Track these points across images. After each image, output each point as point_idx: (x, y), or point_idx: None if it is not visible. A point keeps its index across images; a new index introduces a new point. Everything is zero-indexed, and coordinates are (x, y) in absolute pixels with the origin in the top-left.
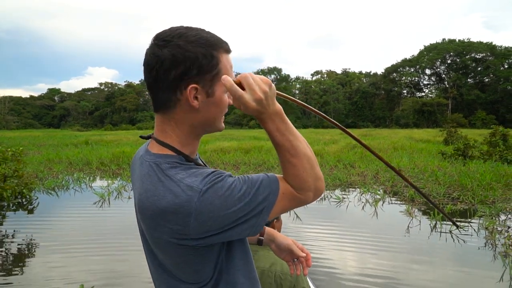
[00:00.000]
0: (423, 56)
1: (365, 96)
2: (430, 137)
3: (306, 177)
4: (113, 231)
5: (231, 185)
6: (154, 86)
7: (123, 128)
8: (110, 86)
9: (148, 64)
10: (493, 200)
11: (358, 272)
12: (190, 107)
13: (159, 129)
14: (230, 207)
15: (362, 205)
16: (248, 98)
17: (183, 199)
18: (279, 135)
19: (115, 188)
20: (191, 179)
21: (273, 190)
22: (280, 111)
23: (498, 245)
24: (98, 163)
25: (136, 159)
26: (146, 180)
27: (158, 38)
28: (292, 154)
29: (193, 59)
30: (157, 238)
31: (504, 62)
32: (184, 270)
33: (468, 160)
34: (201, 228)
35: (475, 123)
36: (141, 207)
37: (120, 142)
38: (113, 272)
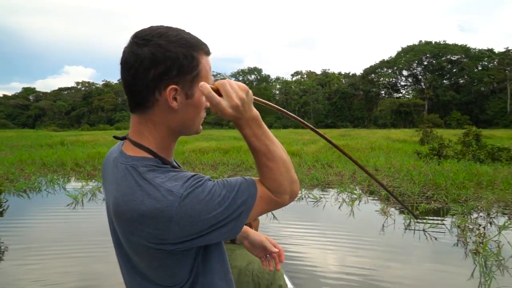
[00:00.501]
0: (400, 58)
1: (344, 97)
2: (406, 137)
3: (282, 181)
4: (87, 233)
5: (211, 189)
6: (132, 85)
7: (101, 128)
8: (88, 86)
9: (127, 63)
10: (465, 198)
11: (335, 269)
12: (168, 108)
13: (135, 130)
14: (210, 211)
15: (339, 205)
16: (225, 104)
17: (164, 204)
18: (256, 140)
19: (89, 189)
20: (171, 183)
21: (251, 194)
22: (257, 117)
23: (469, 243)
24: (72, 164)
25: (108, 161)
26: (122, 183)
27: (138, 36)
28: (269, 158)
29: (173, 59)
30: (134, 242)
31: (478, 64)
32: (160, 273)
33: (442, 159)
34: (181, 232)
35: (451, 123)
36: (117, 211)
37: (97, 142)
38: (89, 274)
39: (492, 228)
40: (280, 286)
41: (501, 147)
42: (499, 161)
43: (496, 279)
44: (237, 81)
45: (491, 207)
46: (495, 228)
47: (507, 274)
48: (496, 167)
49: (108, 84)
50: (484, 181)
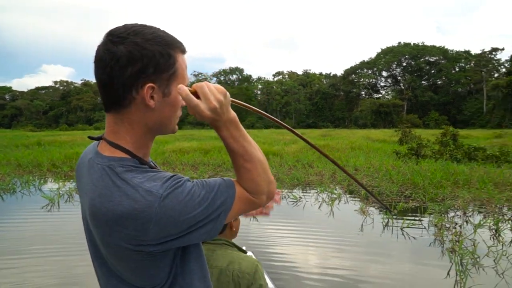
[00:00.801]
0: (380, 59)
1: (325, 97)
2: (386, 137)
3: (260, 181)
4: (64, 234)
5: (190, 190)
6: (108, 84)
7: (80, 128)
8: (66, 85)
9: (102, 61)
10: (442, 197)
11: (316, 268)
12: (145, 107)
13: (111, 130)
14: (190, 212)
15: (319, 205)
16: (204, 107)
17: (143, 204)
18: (233, 141)
19: (66, 191)
20: (149, 183)
21: (230, 195)
22: (234, 119)
23: (446, 241)
24: (49, 164)
25: (83, 162)
26: (99, 184)
27: (113, 34)
28: (246, 159)
29: (150, 57)
30: (112, 244)
31: (455, 65)
32: (138, 275)
33: (420, 159)
34: (161, 233)
35: (429, 123)
36: (94, 212)
37: (75, 142)
38: (68, 275)
39: (468, 227)
40: (260, 286)
41: (477, 147)
42: (475, 161)
43: (472, 277)
44: (218, 80)
45: (467, 206)
46: (471, 227)
47: (482, 272)
48: (472, 167)
49: (87, 84)
50: (460, 180)
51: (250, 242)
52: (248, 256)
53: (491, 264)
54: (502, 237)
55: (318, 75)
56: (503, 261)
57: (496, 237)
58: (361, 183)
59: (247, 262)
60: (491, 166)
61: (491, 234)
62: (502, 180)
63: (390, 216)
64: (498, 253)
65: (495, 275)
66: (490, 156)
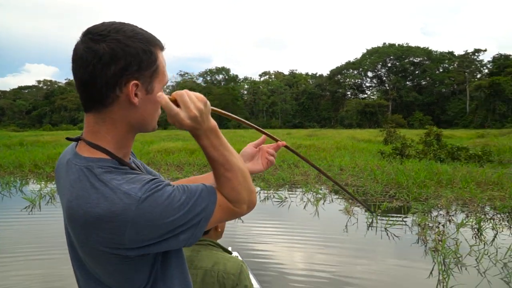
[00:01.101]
0: (366, 59)
1: (311, 97)
2: (371, 137)
3: (241, 190)
4: (43, 237)
5: (170, 194)
6: (90, 83)
7: (64, 128)
8: (50, 84)
9: (82, 59)
10: (426, 197)
11: (301, 268)
12: (129, 105)
13: (90, 130)
14: (168, 216)
15: (304, 205)
16: (183, 115)
17: (120, 207)
18: (213, 150)
19: (48, 192)
20: (128, 185)
21: (211, 201)
22: (214, 127)
23: (429, 240)
24: (31, 165)
25: (62, 163)
26: (76, 185)
27: (92, 32)
28: (227, 168)
29: (133, 54)
30: (89, 246)
31: (439, 66)
32: (116, 278)
33: (405, 159)
34: (138, 237)
35: (413, 123)
36: (71, 214)
37: (58, 143)
38: (51, 276)
39: (451, 226)
40: (245, 286)
41: (460, 147)
42: (459, 160)
43: (454, 276)
44: (205, 80)
45: (450, 205)
46: (454, 226)
47: (464, 271)
48: (456, 166)
49: (71, 83)
50: (444, 179)
51: (235, 242)
52: (233, 256)
53: (473, 263)
54: (484, 236)
55: (304, 75)
56: (485, 260)
57: (478, 236)
58: (338, 182)
59: (232, 263)
60: (473, 166)
61: (473, 233)
62: (484, 179)
63: (374, 216)
64: (480, 252)
65: (477, 274)
66: (472, 155)
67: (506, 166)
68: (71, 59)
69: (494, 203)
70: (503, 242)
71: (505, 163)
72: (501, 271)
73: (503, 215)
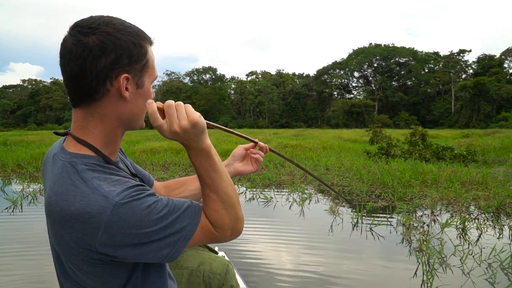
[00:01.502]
0: (352, 59)
1: (298, 97)
2: (357, 137)
3: (224, 215)
4: (25, 238)
5: (150, 204)
6: (80, 77)
7: (49, 128)
8: (34, 83)
9: (71, 53)
10: (411, 197)
11: (288, 267)
12: (119, 99)
13: (78, 125)
14: (143, 227)
15: (290, 204)
16: (165, 128)
17: (95, 209)
18: (201, 169)
19: (30, 192)
20: (108, 187)
21: (194, 222)
22: (206, 149)
23: (413, 240)
24: (14, 165)
25: (48, 157)
26: (57, 181)
27: (81, 26)
28: (212, 190)
29: (124, 47)
30: (64, 244)
31: (425, 66)
32: (91, 279)
33: (390, 158)
34: (109, 242)
35: (399, 123)
36: (49, 210)
37: (42, 142)
38: (36, 276)
39: (436, 226)
40: (231, 286)
41: (445, 147)
42: (444, 160)
43: (439, 277)
44: (191, 80)
45: (435, 205)
46: (439, 226)
47: (449, 271)
48: (441, 166)
49: (56, 82)
50: (429, 179)
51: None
52: (219, 256)
53: (457, 263)
54: (469, 236)
55: (291, 75)
56: (469, 260)
57: (462, 236)
58: (321, 180)
59: (218, 262)
60: (458, 166)
61: (458, 233)
62: (469, 179)
63: (358, 215)
64: (464, 252)
65: (461, 274)
66: (457, 155)
67: (491, 166)
68: (59, 54)
69: (478, 202)
70: (488, 242)
71: (490, 163)
72: (486, 271)
73: (487, 215)
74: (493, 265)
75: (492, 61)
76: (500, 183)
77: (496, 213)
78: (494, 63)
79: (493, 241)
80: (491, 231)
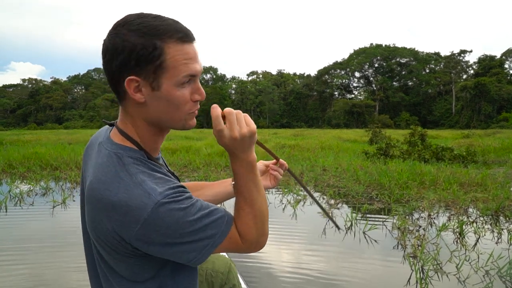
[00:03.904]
0: (353, 60)
1: (299, 97)
2: (357, 137)
3: (253, 229)
4: (8, 240)
5: (188, 207)
6: (107, 76)
7: (49, 127)
8: (35, 83)
9: (102, 53)
10: (408, 199)
11: (288, 269)
12: (135, 101)
13: (121, 119)
14: (178, 229)
15: (283, 206)
16: (226, 133)
17: (136, 203)
18: (242, 180)
19: (17, 193)
20: (152, 185)
21: (223, 232)
22: (252, 161)
23: (408, 246)
24: (5, 165)
25: (93, 144)
26: (102, 170)
27: (113, 26)
28: (247, 202)
29: (130, 49)
30: (99, 230)
31: (426, 67)
32: (122, 266)
33: (389, 159)
34: (144, 237)
35: (400, 123)
36: (90, 196)
37: (39, 142)
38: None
39: (432, 229)
40: (234, 286)
41: (445, 147)
42: (443, 161)
43: (433, 284)
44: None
45: (432, 207)
46: (435, 229)
47: (444, 279)
48: (440, 167)
49: (56, 82)
50: (427, 180)
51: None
52: (222, 255)
53: (453, 270)
54: (466, 240)
55: (292, 75)
56: (465, 267)
57: (460, 240)
58: (314, 196)
59: (221, 261)
60: (458, 166)
61: (455, 238)
62: (468, 180)
63: (353, 218)
64: (460, 258)
65: (457, 282)
66: (457, 156)
67: (490, 167)
68: None
69: (477, 205)
70: (485, 247)
71: (490, 164)
72: (482, 279)
73: (486, 217)
74: (490, 272)
75: (493, 61)
76: (499, 185)
77: (495, 215)
78: (495, 63)
79: (491, 246)
80: (489, 235)
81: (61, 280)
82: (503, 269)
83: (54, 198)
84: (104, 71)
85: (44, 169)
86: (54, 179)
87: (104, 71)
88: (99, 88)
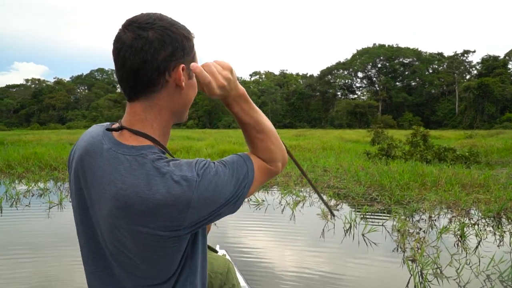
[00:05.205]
0: (356, 60)
1: (302, 97)
2: (359, 138)
3: (275, 149)
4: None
5: (216, 170)
6: (141, 69)
7: (52, 127)
8: (38, 83)
9: (133, 47)
10: (408, 200)
11: (290, 268)
12: (175, 89)
13: (137, 119)
14: (221, 191)
15: (282, 208)
16: (213, 84)
17: (180, 190)
18: (244, 115)
19: (14, 194)
20: (180, 170)
21: (250, 168)
22: (243, 93)
23: (407, 248)
24: (4, 165)
25: (94, 152)
26: (129, 174)
27: (137, 22)
28: (258, 130)
29: (179, 40)
30: (144, 234)
31: (429, 67)
32: (155, 265)
33: (390, 160)
34: (197, 215)
35: (403, 124)
36: (126, 203)
37: (40, 142)
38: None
39: (433, 232)
40: (233, 286)
41: (447, 147)
42: (445, 161)
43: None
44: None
45: (433, 209)
46: (435, 232)
47: (444, 283)
48: (442, 167)
49: (59, 82)
50: (428, 181)
51: (223, 242)
52: (220, 256)
53: (453, 274)
54: (467, 243)
55: (295, 75)
56: (466, 271)
57: (460, 243)
58: (310, 180)
59: (219, 262)
60: (460, 167)
61: (456, 240)
62: (470, 181)
63: (352, 220)
64: (461, 262)
65: (457, 287)
66: (459, 156)
67: (493, 168)
68: (116, 50)
69: (479, 206)
70: (487, 250)
71: (492, 164)
72: (483, 284)
73: (488, 219)
74: (491, 276)
75: (496, 62)
76: (502, 186)
77: (497, 217)
78: (498, 64)
79: (493, 248)
80: (491, 237)
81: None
82: (505, 273)
83: (51, 199)
84: (141, 62)
85: (42, 169)
86: (52, 180)
87: (142, 63)
88: (102, 88)
